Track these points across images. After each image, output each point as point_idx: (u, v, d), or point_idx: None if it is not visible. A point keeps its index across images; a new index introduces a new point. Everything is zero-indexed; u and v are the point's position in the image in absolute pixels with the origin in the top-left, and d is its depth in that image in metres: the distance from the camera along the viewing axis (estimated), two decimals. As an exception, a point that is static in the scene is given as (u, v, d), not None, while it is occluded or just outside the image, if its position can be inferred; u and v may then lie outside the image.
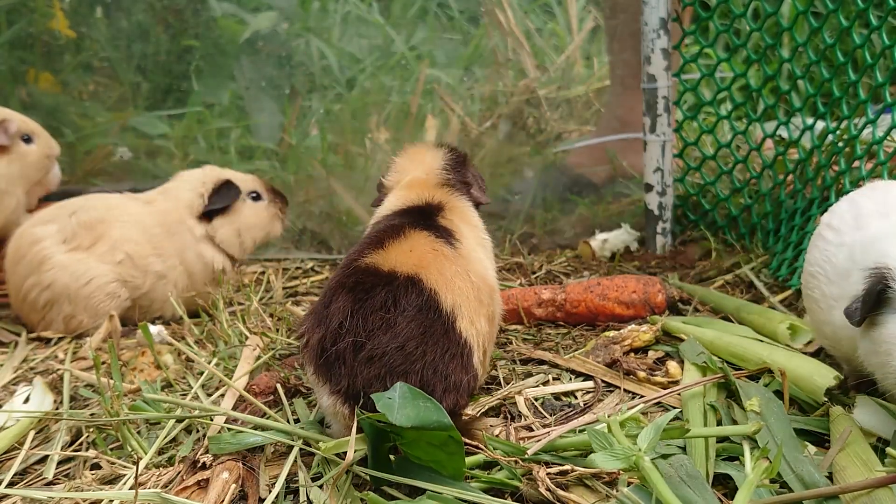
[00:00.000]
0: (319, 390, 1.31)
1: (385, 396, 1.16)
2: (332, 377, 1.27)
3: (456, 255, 1.42)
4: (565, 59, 3.91)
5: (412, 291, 1.28)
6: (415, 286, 1.29)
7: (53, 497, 1.28)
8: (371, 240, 1.41)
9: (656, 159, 2.51)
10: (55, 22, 3.36)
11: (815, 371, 1.46)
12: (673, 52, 2.49)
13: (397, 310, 1.26)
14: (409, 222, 1.45)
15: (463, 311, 1.33)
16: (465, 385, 1.32)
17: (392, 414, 1.12)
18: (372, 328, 1.25)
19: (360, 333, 1.25)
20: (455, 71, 3.92)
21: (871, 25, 2.01)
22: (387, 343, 1.25)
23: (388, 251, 1.35)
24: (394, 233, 1.40)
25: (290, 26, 3.78)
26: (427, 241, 1.40)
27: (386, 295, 1.28)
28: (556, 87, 3.83)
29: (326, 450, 1.22)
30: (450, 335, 1.30)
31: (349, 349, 1.25)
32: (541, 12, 4.18)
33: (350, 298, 1.28)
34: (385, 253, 1.35)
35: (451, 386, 1.29)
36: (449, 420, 1.14)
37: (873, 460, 1.20)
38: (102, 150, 3.40)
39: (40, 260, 2.09)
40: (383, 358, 1.24)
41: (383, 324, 1.26)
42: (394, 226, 1.44)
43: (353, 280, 1.31)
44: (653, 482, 1.05)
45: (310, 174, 3.36)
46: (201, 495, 1.26)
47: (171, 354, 1.87)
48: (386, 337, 1.25)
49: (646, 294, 1.95)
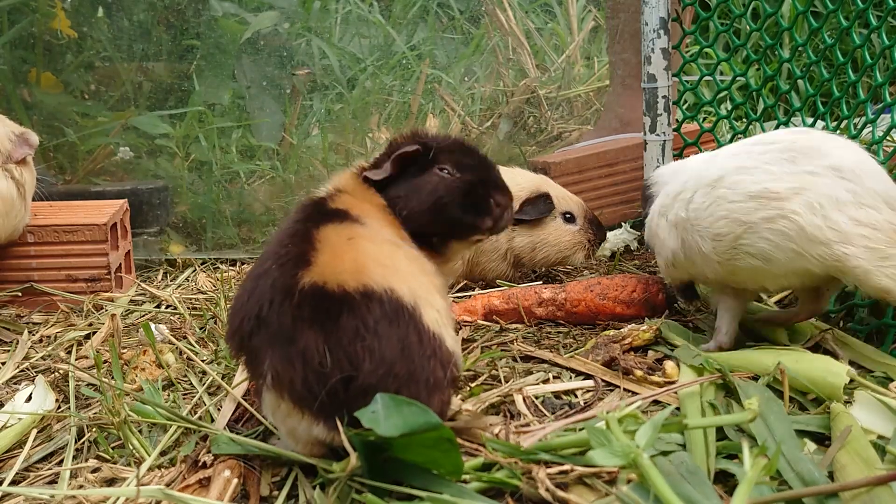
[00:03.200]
0: (302, 424, 1.24)
1: (369, 411, 1.15)
2: (326, 412, 1.22)
3: (368, 233, 1.35)
4: (565, 59, 3.92)
5: (374, 304, 1.22)
6: (371, 298, 1.23)
7: (56, 495, 1.29)
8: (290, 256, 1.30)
9: (656, 159, 2.52)
10: (57, 22, 3.36)
11: (828, 370, 1.45)
12: (673, 52, 2.49)
13: (370, 333, 1.21)
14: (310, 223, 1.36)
15: (421, 297, 1.28)
16: (447, 380, 1.28)
17: (380, 427, 1.12)
18: (355, 359, 1.20)
19: (346, 368, 1.20)
20: (455, 71, 3.92)
21: (871, 25, 2.02)
22: (375, 369, 1.20)
23: (318, 265, 1.26)
24: (306, 240, 1.31)
25: (291, 26, 3.79)
26: (339, 236, 1.32)
27: (354, 321, 1.21)
28: (556, 86, 3.83)
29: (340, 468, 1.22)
30: (421, 336, 1.25)
31: (339, 385, 1.20)
32: (541, 12, 4.19)
33: (319, 331, 1.21)
34: (317, 268, 1.26)
35: (434, 386, 1.26)
36: (437, 418, 1.14)
37: (874, 458, 1.20)
38: (104, 150, 3.40)
39: None
40: (377, 386, 1.20)
41: (366, 352, 1.20)
42: (299, 233, 1.34)
43: (307, 308, 1.23)
44: (651, 479, 1.06)
45: (311, 174, 3.37)
46: (203, 493, 1.27)
47: (173, 353, 1.87)
48: (373, 365, 1.20)
49: (646, 293, 1.96)
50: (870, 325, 1.75)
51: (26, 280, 2.38)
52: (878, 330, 1.75)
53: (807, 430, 1.35)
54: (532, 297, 1.99)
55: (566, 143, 3.57)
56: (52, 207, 2.60)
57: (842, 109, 2.16)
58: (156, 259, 2.86)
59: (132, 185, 3.16)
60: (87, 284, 2.40)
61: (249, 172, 3.40)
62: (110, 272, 2.41)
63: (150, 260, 2.87)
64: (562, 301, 1.97)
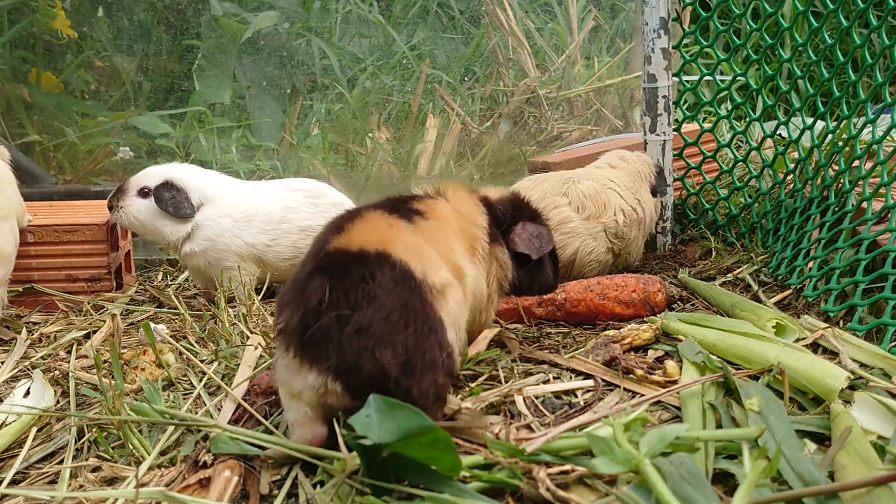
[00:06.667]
0: (301, 375, 1.29)
1: (363, 415, 1.15)
2: (320, 356, 1.26)
3: (414, 229, 1.44)
4: (565, 59, 3.92)
5: (385, 264, 1.30)
6: (385, 259, 1.31)
7: (56, 496, 1.29)
8: (330, 228, 1.43)
9: (656, 159, 2.52)
10: (57, 21, 3.36)
11: (827, 372, 1.45)
12: (673, 52, 2.49)
13: (375, 283, 1.27)
14: (368, 207, 1.49)
15: (432, 283, 1.34)
16: (442, 363, 1.32)
17: (373, 432, 1.12)
18: (354, 301, 1.26)
19: (343, 308, 1.25)
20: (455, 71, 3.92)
21: (871, 25, 2.02)
22: (372, 314, 1.25)
23: (350, 234, 1.37)
24: (350, 217, 1.44)
25: (292, 26, 3.79)
26: (382, 219, 1.43)
27: (362, 270, 1.29)
28: (556, 86, 3.83)
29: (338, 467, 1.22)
30: (425, 308, 1.31)
31: (334, 325, 1.25)
32: (541, 12, 4.19)
33: (325, 278, 1.28)
34: (348, 235, 1.37)
35: (428, 363, 1.29)
36: (430, 421, 1.14)
37: (874, 458, 1.20)
38: (104, 150, 3.40)
39: None
40: (370, 329, 1.24)
41: (365, 297, 1.26)
42: (350, 211, 1.50)
43: (325, 262, 1.32)
44: (655, 487, 1.06)
45: (311, 173, 3.37)
46: (203, 493, 1.27)
47: (173, 353, 1.87)
48: (370, 309, 1.25)
49: (646, 293, 1.96)
50: (869, 324, 1.75)
51: (26, 280, 2.38)
52: (877, 329, 1.75)
53: (807, 430, 1.35)
54: (531, 297, 1.99)
55: (566, 143, 3.58)
56: (52, 207, 2.60)
57: (842, 109, 2.16)
58: (156, 259, 2.87)
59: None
60: (88, 284, 2.40)
61: (249, 172, 3.40)
62: (110, 272, 2.41)
63: (150, 260, 2.87)
64: (561, 301, 1.97)
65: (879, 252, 1.85)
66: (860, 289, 1.84)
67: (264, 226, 2.35)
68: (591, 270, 2.20)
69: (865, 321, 1.79)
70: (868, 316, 1.83)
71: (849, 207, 2.05)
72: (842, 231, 2.01)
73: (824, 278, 1.99)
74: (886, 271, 1.78)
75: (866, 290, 1.88)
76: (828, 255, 2.03)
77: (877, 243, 1.92)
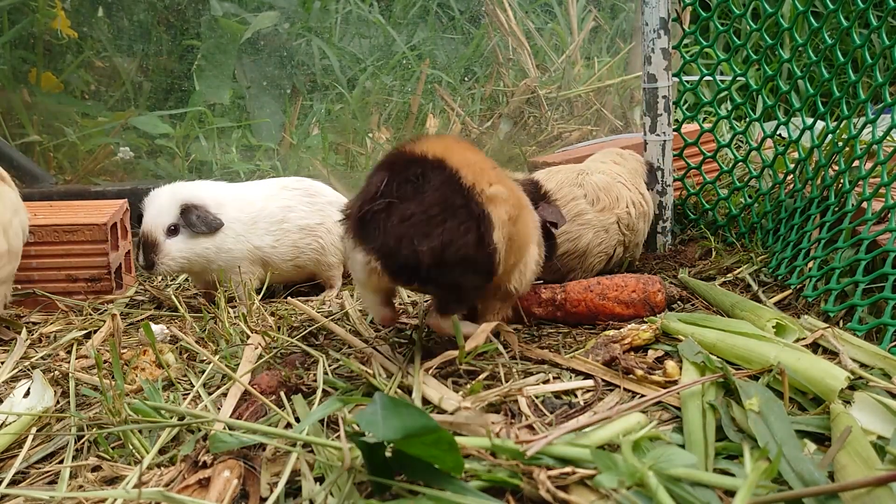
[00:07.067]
0: (355, 252, 1.54)
1: (368, 412, 1.15)
2: (368, 236, 1.50)
3: (484, 159, 1.66)
4: (565, 59, 3.92)
5: (438, 168, 1.52)
6: (440, 165, 1.53)
7: (56, 496, 1.28)
8: (409, 140, 1.67)
9: (656, 159, 2.52)
10: (57, 22, 3.37)
11: (827, 372, 1.44)
12: (673, 53, 2.49)
13: (425, 181, 1.50)
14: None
15: (481, 189, 1.54)
16: (481, 261, 1.52)
17: (378, 430, 1.12)
18: (403, 194, 1.48)
19: (393, 197, 1.48)
20: (455, 71, 3.92)
21: (871, 25, 2.02)
22: (415, 207, 1.47)
23: (421, 142, 1.61)
24: (427, 136, 1.75)
25: (292, 26, 3.79)
26: (453, 139, 1.67)
27: (416, 169, 1.52)
28: (556, 87, 3.83)
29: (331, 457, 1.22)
30: (469, 208, 1.50)
31: (383, 212, 1.48)
32: (541, 12, 4.19)
33: (386, 172, 1.53)
34: (420, 143, 1.60)
35: (461, 260, 1.49)
36: (434, 422, 1.14)
37: (874, 458, 1.20)
38: (104, 150, 3.40)
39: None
40: (411, 219, 1.46)
41: (414, 191, 1.49)
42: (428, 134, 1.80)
43: (390, 160, 1.58)
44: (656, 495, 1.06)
45: (311, 173, 3.37)
46: (202, 494, 1.27)
47: (173, 353, 1.87)
48: (415, 202, 1.48)
49: (645, 293, 1.95)
50: (869, 324, 1.75)
51: (27, 279, 2.38)
52: (877, 329, 1.75)
53: (807, 430, 1.35)
54: (531, 297, 1.99)
55: (566, 144, 3.58)
56: (52, 207, 2.60)
57: (842, 109, 2.16)
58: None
59: (132, 185, 3.17)
60: (88, 284, 2.40)
61: (249, 172, 3.40)
62: (110, 272, 2.41)
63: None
64: (561, 301, 1.97)
65: (879, 252, 1.85)
66: (860, 289, 1.84)
67: (268, 227, 2.36)
68: (600, 262, 2.23)
69: (865, 321, 1.79)
70: (868, 316, 1.83)
71: (849, 207, 2.05)
72: (842, 231, 2.01)
73: (824, 278, 1.99)
74: (886, 271, 1.78)
75: (866, 290, 1.88)
76: (828, 255, 2.03)
77: (877, 243, 1.92)
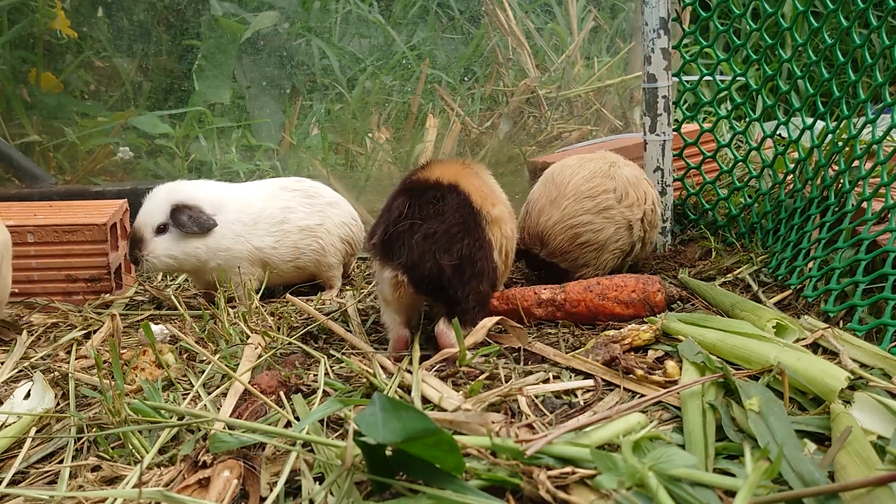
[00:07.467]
0: (382, 272, 1.73)
1: (367, 415, 1.15)
2: (394, 254, 1.69)
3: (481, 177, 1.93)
4: (565, 59, 3.92)
5: (453, 192, 1.74)
6: (454, 189, 1.75)
7: (55, 496, 1.28)
8: (416, 168, 1.92)
9: (656, 159, 2.52)
10: (57, 22, 3.36)
11: (826, 372, 1.44)
12: (673, 52, 2.49)
13: (444, 203, 1.71)
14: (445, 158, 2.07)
15: (486, 214, 1.77)
16: (487, 272, 1.74)
17: (378, 433, 1.12)
18: (425, 215, 1.69)
19: (416, 218, 1.68)
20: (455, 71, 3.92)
21: (871, 25, 2.02)
22: (437, 225, 1.68)
23: (431, 169, 1.84)
24: (433, 161, 1.93)
25: (291, 26, 3.79)
26: (458, 164, 1.91)
27: (435, 193, 1.73)
28: (556, 87, 3.83)
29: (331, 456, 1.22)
30: (480, 229, 1.74)
31: (407, 231, 1.68)
32: (541, 12, 4.19)
33: (407, 197, 1.73)
34: (429, 170, 1.84)
35: (476, 272, 1.71)
36: (435, 424, 1.14)
37: (874, 458, 1.20)
38: (104, 150, 3.40)
39: None
40: (434, 236, 1.67)
41: (434, 212, 1.69)
42: (432, 159, 1.97)
43: (407, 187, 1.79)
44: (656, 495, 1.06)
45: (311, 174, 3.37)
46: (202, 493, 1.27)
47: (173, 353, 1.87)
48: (436, 221, 1.68)
49: (645, 293, 1.95)
50: (869, 324, 1.75)
51: (26, 280, 2.38)
52: (877, 329, 1.75)
53: (807, 430, 1.35)
54: (531, 298, 1.99)
55: (566, 144, 3.58)
56: (52, 207, 2.60)
57: (842, 109, 2.16)
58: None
59: (132, 185, 3.17)
60: (88, 284, 2.40)
61: (249, 172, 3.40)
62: (110, 272, 2.41)
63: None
64: (561, 301, 1.97)
65: (879, 252, 1.85)
66: (860, 289, 1.84)
67: (269, 227, 2.35)
68: (615, 259, 2.24)
69: (865, 321, 1.79)
70: (868, 316, 1.83)
71: (849, 207, 2.05)
72: (842, 231, 2.01)
73: (824, 278, 1.99)
74: (886, 271, 1.78)
75: (866, 290, 1.88)
76: (828, 256, 2.03)
77: (877, 243, 1.92)
